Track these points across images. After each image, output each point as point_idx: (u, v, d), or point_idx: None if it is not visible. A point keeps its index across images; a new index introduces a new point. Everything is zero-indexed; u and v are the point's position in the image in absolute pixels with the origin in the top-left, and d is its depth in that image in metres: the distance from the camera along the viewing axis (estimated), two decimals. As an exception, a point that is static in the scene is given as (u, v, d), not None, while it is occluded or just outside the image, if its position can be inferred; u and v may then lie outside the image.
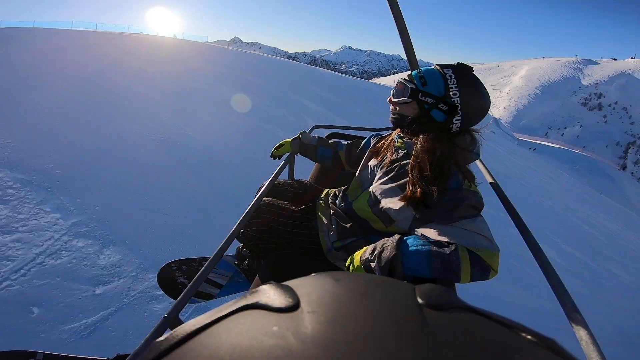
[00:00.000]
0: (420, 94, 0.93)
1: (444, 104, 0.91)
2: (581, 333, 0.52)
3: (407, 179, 0.90)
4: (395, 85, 1.01)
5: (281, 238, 1.17)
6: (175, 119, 5.22)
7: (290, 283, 0.23)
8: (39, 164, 3.22)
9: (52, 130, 4.07)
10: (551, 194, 11.02)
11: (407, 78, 0.99)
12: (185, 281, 1.51)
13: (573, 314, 0.57)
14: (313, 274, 0.25)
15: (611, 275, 5.98)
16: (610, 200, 20.67)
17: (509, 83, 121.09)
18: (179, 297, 0.63)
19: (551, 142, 50.13)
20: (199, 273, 0.69)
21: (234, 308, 0.21)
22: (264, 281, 1.09)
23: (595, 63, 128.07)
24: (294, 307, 0.20)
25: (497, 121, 47.79)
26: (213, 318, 0.20)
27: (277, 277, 1.09)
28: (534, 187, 10.04)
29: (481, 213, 0.85)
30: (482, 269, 0.76)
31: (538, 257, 0.76)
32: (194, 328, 0.19)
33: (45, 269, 2.11)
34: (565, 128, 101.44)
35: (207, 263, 0.73)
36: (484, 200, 0.86)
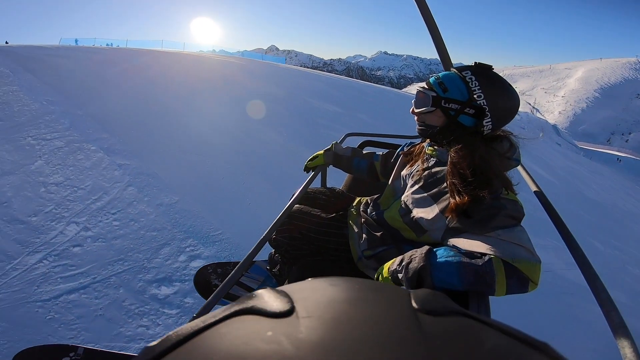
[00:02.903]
0: (443, 101, 0.91)
1: (471, 108, 0.88)
2: (626, 350, 0.51)
3: (440, 187, 0.89)
4: (415, 95, 0.99)
5: (312, 245, 1.18)
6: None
7: (286, 288, 0.23)
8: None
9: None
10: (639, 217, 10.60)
11: (425, 86, 0.96)
12: (220, 284, 1.63)
13: (620, 330, 0.55)
14: (309, 279, 0.25)
15: None
16: (698, 219, 18.92)
17: (564, 86, 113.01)
18: (209, 299, 0.63)
19: (617, 151, 46.20)
20: (229, 275, 0.70)
21: (228, 312, 0.21)
22: None
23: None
24: (289, 312, 0.20)
25: (556, 128, 44.81)
26: (207, 322, 0.20)
27: None
28: (630, 215, 9.93)
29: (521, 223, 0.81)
30: (520, 281, 0.72)
31: (585, 269, 0.73)
32: (187, 332, 0.20)
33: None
34: (630, 133, 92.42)
35: (237, 266, 0.73)
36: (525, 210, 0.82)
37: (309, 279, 0.26)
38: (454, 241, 0.82)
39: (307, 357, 0.17)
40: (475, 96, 0.87)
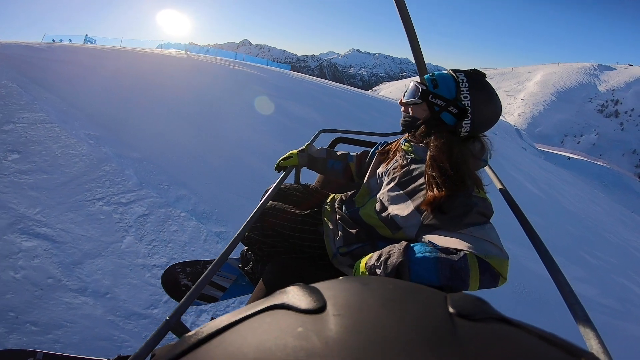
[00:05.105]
0: (430, 95, 0.94)
1: (454, 107, 0.91)
2: (592, 342, 0.52)
3: (415, 184, 0.91)
4: (408, 87, 1.02)
5: (286, 242, 1.18)
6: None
7: (318, 285, 0.23)
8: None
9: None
10: (605, 224, 11.52)
11: (419, 81, 1.01)
12: (189, 283, 1.49)
13: (584, 323, 0.57)
14: (341, 277, 0.25)
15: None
16: (643, 219, 21.14)
17: (524, 89, 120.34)
18: (182, 300, 0.62)
19: (571, 153, 49.80)
20: (203, 275, 0.69)
21: (261, 307, 0.21)
22: (267, 285, 1.10)
23: (611, 69, 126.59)
24: (320, 309, 0.20)
25: (518, 132, 47.09)
26: (241, 316, 0.21)
27: (281, 281, 1.09)
28: (600, 223, 11.03)
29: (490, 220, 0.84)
30: (492, 276, 0.75)
31: (548, 264, 0.75)
32: (221, 325, 0.20)
33: None
34: (581, 136, 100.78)
35: (211, 265, 0.73)
36: (494, 208, 0.85)
37: (341, 277, 0.25)
38: (428, 237, 0.83)
39: (335, 356, 0.17)
40: (461, 96, 0.91)
